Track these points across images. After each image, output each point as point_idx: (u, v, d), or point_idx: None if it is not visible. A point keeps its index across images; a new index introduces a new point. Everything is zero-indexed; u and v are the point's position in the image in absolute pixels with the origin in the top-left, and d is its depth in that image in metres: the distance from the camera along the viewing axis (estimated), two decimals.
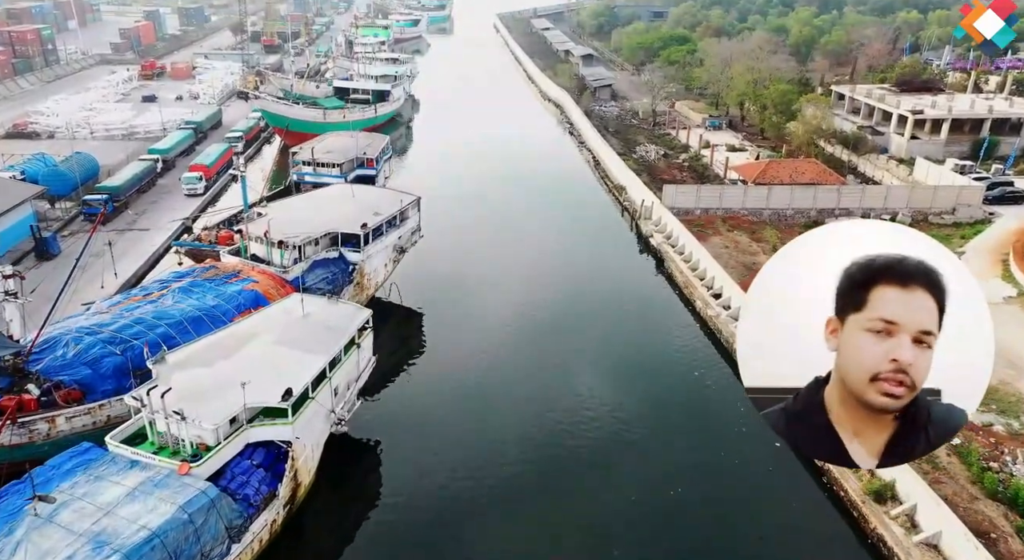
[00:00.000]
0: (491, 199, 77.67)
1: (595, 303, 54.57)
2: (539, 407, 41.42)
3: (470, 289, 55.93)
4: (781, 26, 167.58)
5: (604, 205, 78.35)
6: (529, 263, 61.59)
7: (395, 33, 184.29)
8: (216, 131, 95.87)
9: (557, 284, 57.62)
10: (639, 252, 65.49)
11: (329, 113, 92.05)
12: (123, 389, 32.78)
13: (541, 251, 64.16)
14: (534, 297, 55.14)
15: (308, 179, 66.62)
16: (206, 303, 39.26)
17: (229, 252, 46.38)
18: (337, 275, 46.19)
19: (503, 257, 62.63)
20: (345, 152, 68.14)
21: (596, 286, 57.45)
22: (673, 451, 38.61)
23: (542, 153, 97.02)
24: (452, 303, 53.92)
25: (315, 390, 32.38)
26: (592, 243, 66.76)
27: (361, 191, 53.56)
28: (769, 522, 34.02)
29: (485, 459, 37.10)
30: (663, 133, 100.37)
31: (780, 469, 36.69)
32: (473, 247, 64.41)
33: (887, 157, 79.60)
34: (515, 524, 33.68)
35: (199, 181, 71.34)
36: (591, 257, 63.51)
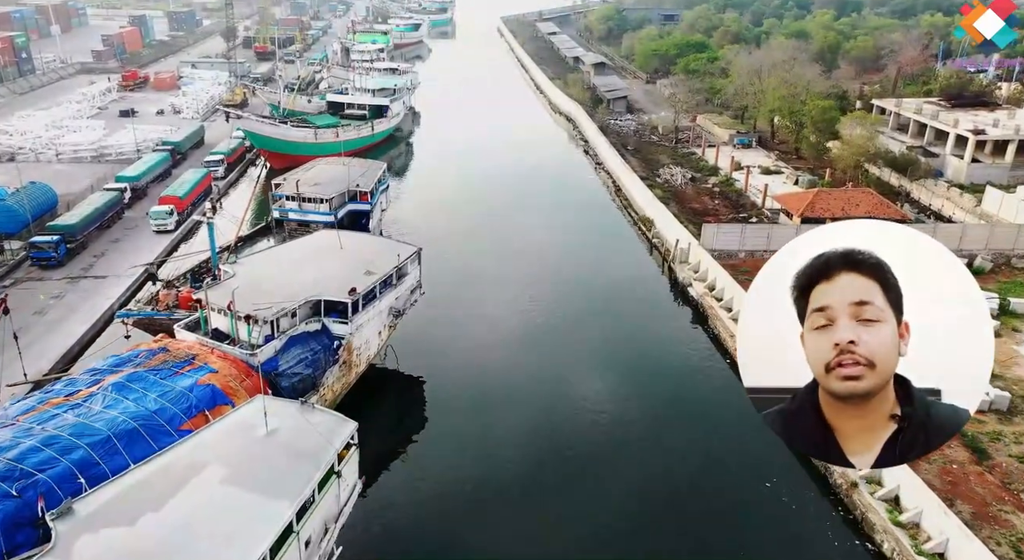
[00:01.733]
0: (500, 232, 68.89)
1: (627, 371, 45.92)
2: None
3: (475, 353, 47.21)
4: (801, 30, 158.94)
5: (628, 240, 69.40)
6: (546, 312, 52.83)
7: (395, 38, 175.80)
8: (199, 150, 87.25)
9: (580, 343, 48.84)
10: (673, 300, 56.69)
11: (321, 132, 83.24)
12: (15, 551, 24.11)
13: (560, 298, 55.38)
14: (555, 359, 46.43)
15: (292, 216, 57.89)
16: (147, 406, 30.49)
17: (186, 326, 37.64)
18: (319, 354, 37.45)
19: (515, 306, 53.83)
20: (335, 184, 59.26)
21: (628, 350, 48.64)
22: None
23: (555, 176, 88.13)
24: (456, 369, 45.24)
25: (276, 556, 23.67)
26: (617, 288, 57.86)
27: (350, 240, 44.76)
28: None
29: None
30: (687, 152, 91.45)
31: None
32: (481, 294, 55.61)
33: (947, 185, 70.70)
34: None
35: (169, 216, 62.62)
36: (617, 308, 54.55)
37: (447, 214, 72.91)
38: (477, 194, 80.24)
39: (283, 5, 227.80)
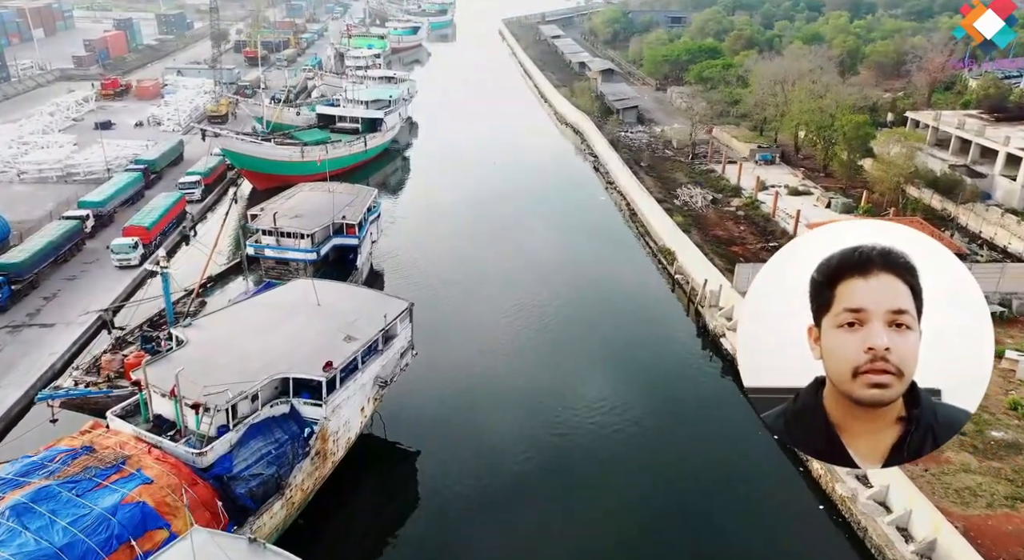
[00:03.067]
0: (505, 265, 61.91)
1: (653, 439, 39.11)
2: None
3: (473, 423, 40.31)
4: (816, 34, 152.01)
5: (647, 273, 62.33)
6: (555, 363, 45.97)
7: (392, 43, 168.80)
8: (178, 167, 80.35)
9: (599, 406, 41.95)
10: (702, 349, 49.81)
11: (308, 150, 76.18)
12: None
13: (571, 346, 48.53)
14: (570, 426, 39.58)
15: (269, 254, 50.90)
16: (52, 540, 23.62)
17: (122, 411, 30.72)
18: (285, 446, 30.55)
19: (522, 357, 46.98)
20: (318, 216, 52.26)
21: (654, 415, 41.72)
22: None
23: (564, 196, 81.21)
24: (458, 438, 38.40)
25: None
26: (637, 335, 51.01)
27: (329, 294, 37.83)
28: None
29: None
30: (706, 169, 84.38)
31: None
32: (482, 346, 48.74)
33: (1000, 209, 63.73)
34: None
35: (133, 249, 55.72)
36: (638, 361, 47.65)
37: (446, 242, 66.05)
38: (479, 216, 73.27)
39: (279, 7, 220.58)
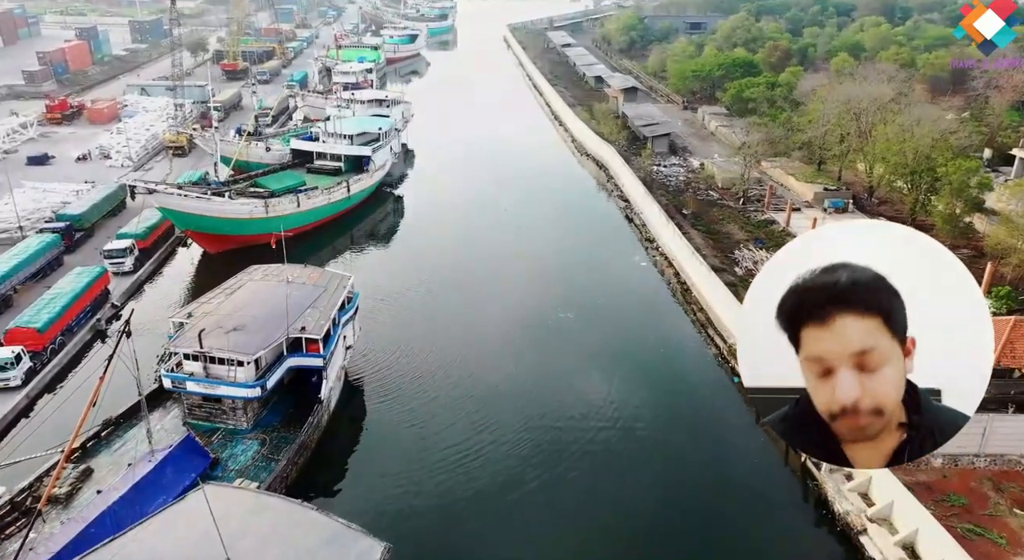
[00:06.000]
0: (533, 387, 46.42)
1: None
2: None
3: None
4: (856, 43, 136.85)
5: (718, 388, 46.51)
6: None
7: (387, 52, 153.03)
8: (117, 218, 65.03)
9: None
10: (804, 503, 34.65)
11: (274, 203, 60.70)
12: None
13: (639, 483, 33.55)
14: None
15: (192, 388, 35.29)
16: None
17: None
18: None
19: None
20: (265, 326, 36.63)
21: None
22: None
23: (595, 262, 64.55)
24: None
25: None
26: (713, 481, 35.90)
27: (249, 509, 22.43)
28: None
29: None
30: (764, 219, 68.91)
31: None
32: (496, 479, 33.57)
33: None
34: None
35: (15, 365, 40.38)
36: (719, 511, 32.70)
37: (445, 334, 50.53)
38: (490, 288, 57.84)
39: (268, 11, 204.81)
